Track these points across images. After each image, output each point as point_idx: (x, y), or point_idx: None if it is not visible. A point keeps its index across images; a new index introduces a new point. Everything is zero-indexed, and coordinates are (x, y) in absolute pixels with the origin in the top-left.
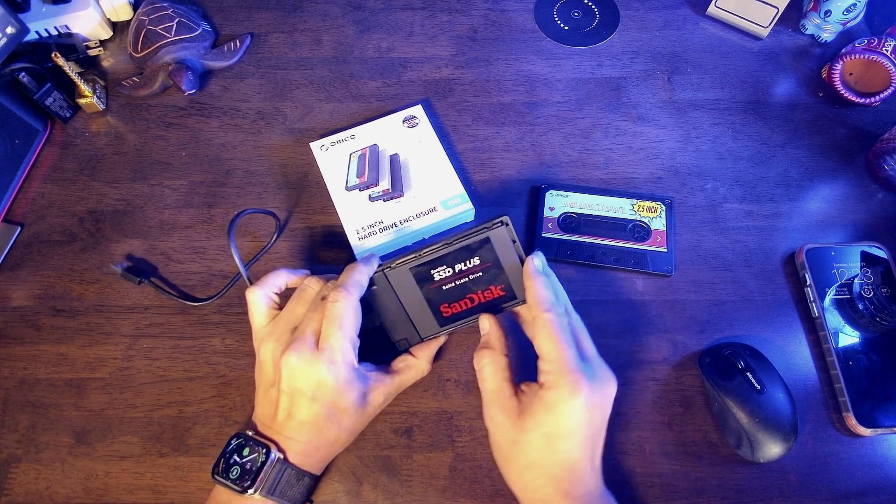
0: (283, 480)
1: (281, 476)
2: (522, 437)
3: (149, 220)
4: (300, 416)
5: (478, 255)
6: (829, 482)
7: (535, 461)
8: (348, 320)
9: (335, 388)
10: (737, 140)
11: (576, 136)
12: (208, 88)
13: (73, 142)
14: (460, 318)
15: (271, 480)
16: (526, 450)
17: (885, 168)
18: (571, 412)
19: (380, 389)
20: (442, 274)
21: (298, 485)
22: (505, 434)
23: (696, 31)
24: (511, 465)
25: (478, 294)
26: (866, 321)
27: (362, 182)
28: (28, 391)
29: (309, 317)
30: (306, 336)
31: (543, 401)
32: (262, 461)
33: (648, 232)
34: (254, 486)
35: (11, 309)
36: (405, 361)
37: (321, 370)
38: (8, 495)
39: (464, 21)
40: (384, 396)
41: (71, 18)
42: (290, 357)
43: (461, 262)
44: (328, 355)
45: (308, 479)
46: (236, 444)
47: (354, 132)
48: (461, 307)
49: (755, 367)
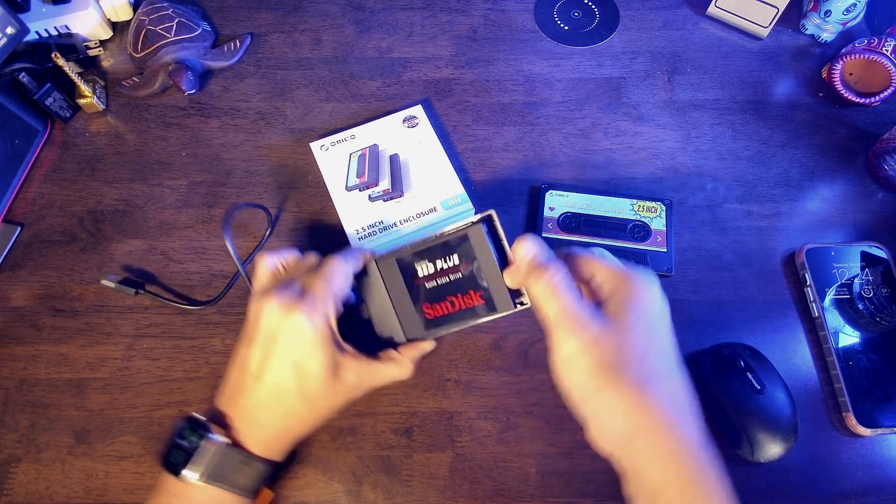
0: (226, 464)
1: (222, 459)
2: (627, 337)
3: (149, 220)
4: (268, 375)
5: (457, 252)
6: (829, 482)
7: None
8: (338, 280)
9: (307, 339)
10: (737, 140)
11: (576, 136)
12: (208, 88)
13: (73, 142)
14: (442, 322)
15: (209, 463)
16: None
17: (885, 168)
18: (657, 297)
19: (354, 367)
20: (425, 270)
21: (246, 470)
22: (606, 343)
23: (696, 31)
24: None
25: (458, 297)
26: (866, 321)
27: (362, 182)
28: (28, 391)
29: (302, 276)
30: (293, 286)
31: (626, 296)
32: (202, 444)
33: (648, 232)
34: (190, 469)
35: (11, 309)
36: (389, 354)
37: (298, 314)
38: (8, 495)
39: (464, 21)
40: (356, 377)
41: (71, 18)
42: (272, 302)
43: (441, 259)
44: (309, 303)
45: (259, 465)
46: (182, 426)
47: (354, 132)
48: (442, 310)
49: (755, 367)
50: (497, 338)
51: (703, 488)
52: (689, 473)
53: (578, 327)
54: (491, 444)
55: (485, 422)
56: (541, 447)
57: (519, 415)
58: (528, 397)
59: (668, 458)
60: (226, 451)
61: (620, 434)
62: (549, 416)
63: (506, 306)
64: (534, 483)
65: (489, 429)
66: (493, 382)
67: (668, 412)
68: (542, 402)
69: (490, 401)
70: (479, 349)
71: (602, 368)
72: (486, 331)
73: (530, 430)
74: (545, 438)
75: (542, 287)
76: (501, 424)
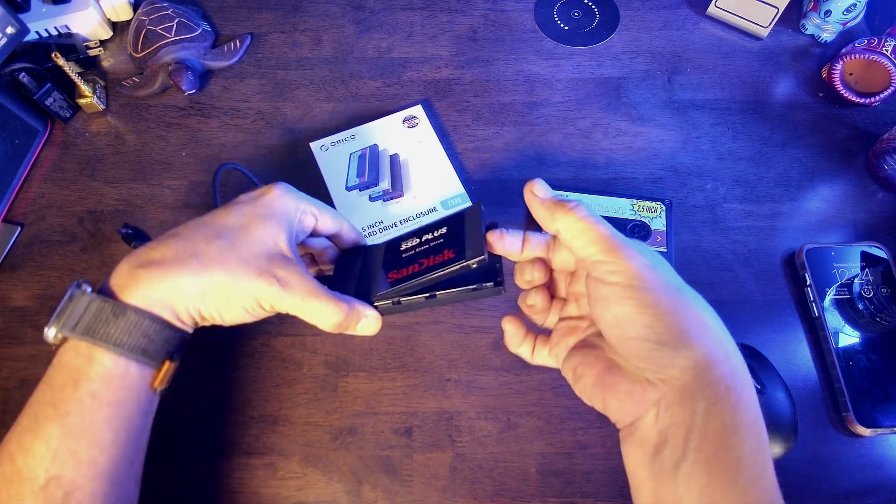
0: (91, 315)
1: (87, 311)
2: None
3: (149, 220)
4: (219, 216)
5: (446, 225)
6: (829, 482)
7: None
8: (321, 205)
9: (287, 210)
10: (737, 140)
11: (576, 136)
12: (208, 88)
13: (73, 142)
14: (400, 281)
15: (72, 313)
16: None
17: (885, 168)
18: (647, 251)
19: (292, 270)
20: (408, 243)
21: (119, 321)
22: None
23: (696, 31)
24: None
25: (429, 259)
26: (866, 321)
27: (362, 182)
28: (28, 391)
29: None
30: None
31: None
32: (68, 294)
33: (648, 232)
34: (51, 323)
35: (11, 309)
36: (334, 295)
37: (294, 194)
38: None
39: (464, 21)
40: (283, 280)
41: (71, 18)
42: (282, 184)
43: (428, 233)
44: (305, 195)
45: (134, 316)
46: (68, 293)
47: (354, 132)
48: (407, 272)
49: (755, 367)
50: (497, 338)
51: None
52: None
53: (628, 254)
54: (491, 444)
55: (485, 422)
56: (541, 447)
57: (519, 415)
58: (528, 397)
59: (750, 392)
60: (89, 299)
61: (683, 364)
62: (549, 416)
63: (476, 254)
64: (534, 483)
65: (489, 429)
66: (493, 382)
67: (731, 360)
68: (542, 402)
69: (490, 401)
70: (479, 349)
71: (656, 286)
72: (485, 331)
73: (530, 430)
74: (545, 438)
75: (575, 217)
76: (501, 424)
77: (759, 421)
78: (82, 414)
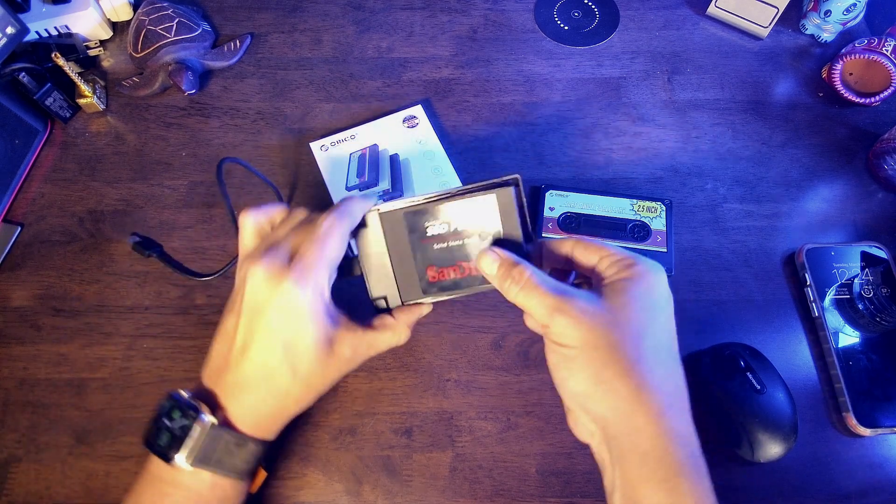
0: (219, 447)
1: (215, 442)
2: (618, 313)
3: (149, 220)
4: (253, 352)
5: (477, 214)
6: (829, 482)
7: (641, 332)
8: (332, 244)
9: (297, 313)
10: (737, 140)
11: (576, 136)
12: (208, 88)
13: (73, 142)
14: (445, 288)
15: (201, 447)
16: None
17: (885, 168)
18: (661, 282)
19: (349, 339)
20: (436, 229)
21: (240, 452)
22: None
23: (696, 31)
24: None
25: (469, 265)
26: (866, 321)
27: (362, 182)
28: (28, 391)
29: (289, 237)
30: (280, 250)
31: (631, 275)
32: (191, 424)
33: (648, 232)
34: (181, 453)
35: (11, 309)
36: (383, 321)
37: (287, 285)
38: (8, 495)
39: (464, 21)
40: (352, 350)
41: (71, 18)
42: (257, 269)
43: (458, 220)
44: (299, 271)
45: (253, 446)
46: (168, 407)
47: (354, 132)
48: (448, 275)
49: (755, 367)
50: (497, 338)
51: (683, 486)
52: (668, 469)
53: (564, 308)
54: (491, 444)
55: (485, 422)
56: (541, 447)
57: (519, 415)
58: (528, 397)
59: (649, 447)
60: (216, 432)
61: (600, 415)
62: (549, 416)
63: None
64: (534, 483)
65: (489, 429)
66: (493, 382)
67: (655, 398)
68: (542, 402)
69: (490, 401)
70: (479, 349)
71: (588, 346)
72: (485, 331)
73: (530, 430)
74: (545, 438)
75: (516, 289)
76: (501, 424)
77: (661, 470)
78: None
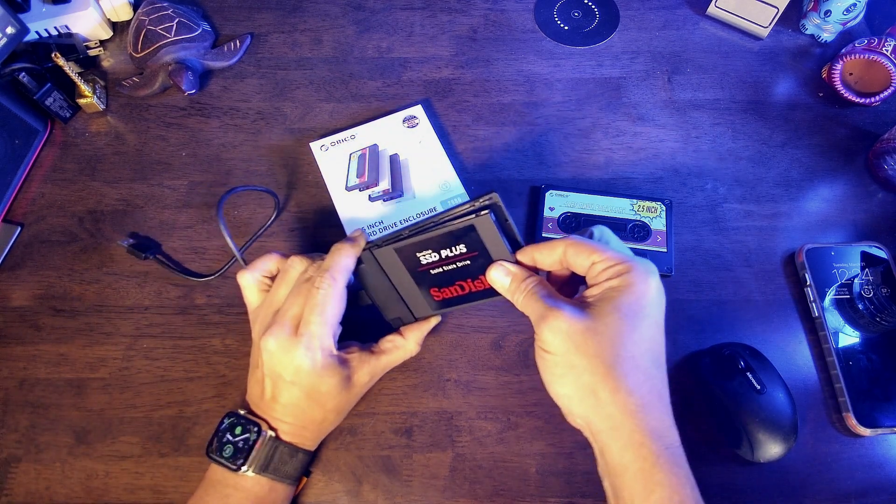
0: (276, 457)
1: (273, 453)
2: (599, 322)
3: (149, 220)
4: (283, 399)
5: (463, 242)
6: (829, 482)
7: (617, 341)
8: (331, 307)
9: (312, 374)
10: (737, 140)
11: (576, 136)
12: (208, 88)
13: (73, 142)
14: (453, 303)
15: (263, 457)
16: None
17: (885, 168)
18: (649, 289)
19: (364, 368)
20: (428, 258)
21: (292, 461)
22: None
23: (696, 31)
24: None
25: (468, 283)
26: (866, 321)
27: (362, 182)
28: (28, 391)
29: (290, 301)
30: (285, 321)
31: (619, 284)
32: (254, 439)
33: (648, 232)
34: (247, 464)
35: (11, 309)
36: (392, 342)
37: (297, 356)
38: (8, 495)
39: (464, 21)
40: (369, 376)
41: (71, 18)
42: (267, 341)
43: (446, 249)
44: (305, 341)
45: (303, 455)
46: (229, 423)
47: (354, 132)
48: (452, 293)
49: (755, 367)
50: (497, 338)
51: (658, 476)
52: (644, 460)
53: (549, 318)
54: (491, 444)
55: (485, 422)
56: (541, 447)
57: (519, 415)
58: (528, 397)
59: (626, 441)
60: (275, 444)
61: (582, 415)
62: (549, 416)
63: None
64: (534, 483)
65: (489, 429)
66: (493, 382)
67: (630, 399)
68: (542, 402)
69: (490, 401)
70: (479, 349)
71: (570, 353)
72: (485, 331)
73: (530, 430)
74: (545, 438)
75: (521, 298)
76: (501, 424)
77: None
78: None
